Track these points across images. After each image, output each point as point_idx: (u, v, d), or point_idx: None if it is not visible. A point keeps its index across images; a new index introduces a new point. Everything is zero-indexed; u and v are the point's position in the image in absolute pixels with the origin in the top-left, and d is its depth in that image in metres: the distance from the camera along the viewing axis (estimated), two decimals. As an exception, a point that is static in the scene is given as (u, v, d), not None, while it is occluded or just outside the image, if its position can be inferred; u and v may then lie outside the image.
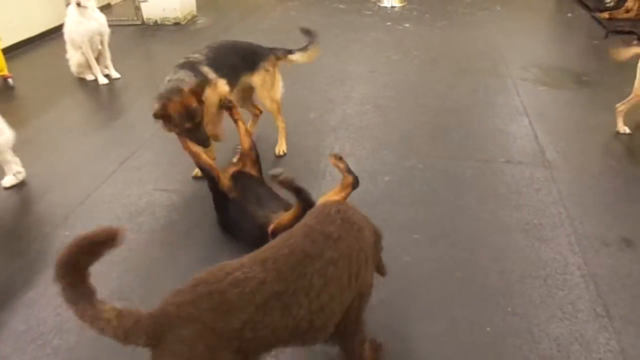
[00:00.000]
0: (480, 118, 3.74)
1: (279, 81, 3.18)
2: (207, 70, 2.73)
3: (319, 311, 1.37)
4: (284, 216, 2.06)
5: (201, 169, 2.62)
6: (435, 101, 4.03)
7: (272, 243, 1.49)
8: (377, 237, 1.69)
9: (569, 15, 6.32)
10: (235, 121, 2.73)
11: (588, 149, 3.27)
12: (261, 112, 3.44)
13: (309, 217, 1.56)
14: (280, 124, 3.31)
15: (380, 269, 1.77)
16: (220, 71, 2.78)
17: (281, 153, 3.31)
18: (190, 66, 2.70)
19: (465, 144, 3.38)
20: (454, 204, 2.77)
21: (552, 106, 3.90)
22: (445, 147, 3.35)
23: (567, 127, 3.59)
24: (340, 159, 2.17)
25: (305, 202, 1.94)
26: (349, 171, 2.17)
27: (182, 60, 2.77)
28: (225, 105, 2.74)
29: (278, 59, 3.14)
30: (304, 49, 3.24)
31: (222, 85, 2.79)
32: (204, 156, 2.54)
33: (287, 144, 3.36)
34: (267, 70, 3.07)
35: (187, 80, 2.60)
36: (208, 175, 2.53)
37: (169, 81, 2.61)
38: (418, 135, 3.53)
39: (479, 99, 4.06)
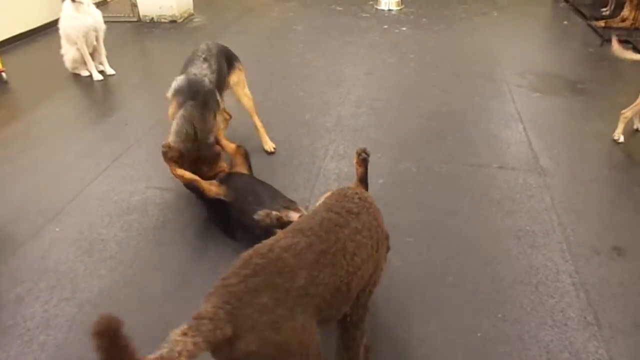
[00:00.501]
0: (475, 123, 3.75)
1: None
2: (217, 96, 2.82)
3: (353, 274, 1.48)
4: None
5: (187, 187, 2.58)
6: (430, 105, 4.04)
7: (299, 220, 1.61)
8: (385, 236, 1.79)
9: (565, 23, 6.36)
10: (219, 143, 2.79)
11: (581, 157, 3.29)
12: (230, 116, 3.48)
13: (328, 199, 1.68)
14: (258, 122, 3.32)
15: None
16: (219, 84, 2.87)
17: (271, 150, 3.31)
18: (212, 97, 2.75)
19: (459, 148, 3.38)
20: (447, 209, 2.77)
21: (546, 113, 3.91)
22: (439, 151, 3.35)
23: (561, 134, 3.61)
24: (364, 160, 1.99)
25: None
26: (362, 180, 2.03)
27: (204, 79, 2.75)
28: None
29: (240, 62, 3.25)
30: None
31: (222, 104, 2.90)
32: (187, 174, 2.50)
33: (280, 144, 3.36)
34: (240, 69, 3.17)
35: (211, 122, 2.67)
36: (194, 191, 2.53)
37: (194, 118, 2.61)
38: (413, 138, 3.53)
39: (474, 103, 4.07)
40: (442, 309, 2.12)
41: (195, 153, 2.63)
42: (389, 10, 6.95)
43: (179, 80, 2.79)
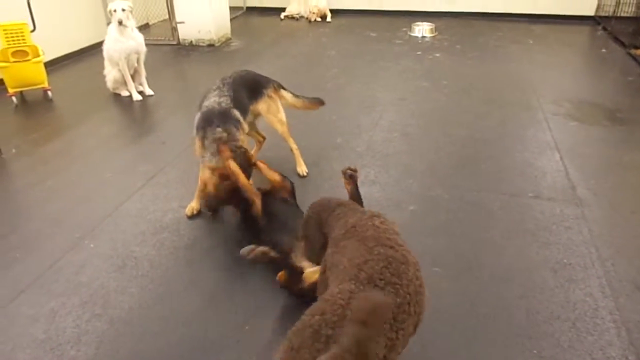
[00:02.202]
0: (510, 151, 3.68)
1: (281, 107, 3.27)
2: (237, 115, 2.84)
3: (419, 314, 1.37)
4: (313, 279, 2.01)
5: (241, 189, 2.58)
6: (463, 131, 4.00)
7: (354, 258, 1.41)
8: None
9: (603, 50, 6.24)
10: (255, 164, 2.74)
11: (620, 188, 3.17)
12: (264, 138, 3.52)
13: (357, 229, 1.52)
14: (293, 145, 3.35)
15: None
16: (239, 108, 2.90)
17: (304, 174, 3.33)
18: (230, 116, 2.80)
19: (493, 176, 3.32)
20: (479, 238, 2.71)
21: (584, 142, 3.81)
22: (472, 179, 3.30)
23: (599, 164, 3.50)
24: (351, 177, 1.98)
25: (291, 268, 2.10)
26: (354, 196, 2.01)
27: (215, 105, 2.81)
28: (241, 152, 2.76)
29: (275, 89, 3.24)
30: (297, 95, 3.36)
31: (246, 128, 2.91)
32: (242, 177, 2.54)
33: (311, 167, 3.38)
34: (270, 97, 3.19)
35: (235, 134, 2.74)
36: (244, 197, 2.54)
37: (220, 139, 2.67)
38: (445, 165, 3.49)
39: (509, 131, 4.01)
40: (473, 342, 2.05)
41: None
42: (423, 37, 6.99)
43: (195, 118, 2.84)
